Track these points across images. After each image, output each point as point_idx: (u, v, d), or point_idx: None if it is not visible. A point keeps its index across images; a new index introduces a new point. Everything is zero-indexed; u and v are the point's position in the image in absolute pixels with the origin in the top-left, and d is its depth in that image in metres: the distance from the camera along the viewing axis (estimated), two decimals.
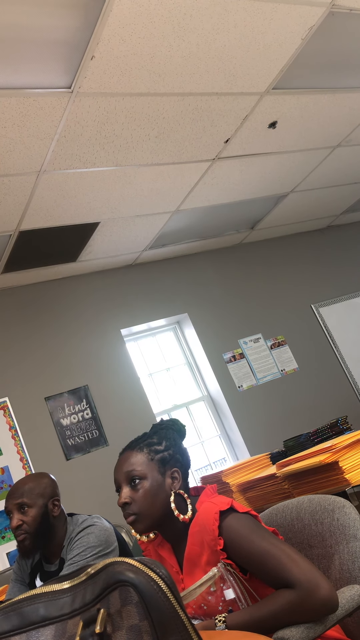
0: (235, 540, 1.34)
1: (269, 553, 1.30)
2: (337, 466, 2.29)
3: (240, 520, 1.37)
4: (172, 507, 1.45)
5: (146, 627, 0.61)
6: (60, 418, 4.18)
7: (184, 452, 1.58)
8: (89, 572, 0.68)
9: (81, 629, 0.63)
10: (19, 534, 2.09)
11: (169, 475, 1.50)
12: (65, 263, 4.40)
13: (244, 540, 1.33)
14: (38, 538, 2.09)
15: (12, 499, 2.14)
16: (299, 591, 1.23)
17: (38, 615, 0.67)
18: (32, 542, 2.09)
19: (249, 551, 1.32)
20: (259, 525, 1.38)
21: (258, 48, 2.78)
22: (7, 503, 2.15)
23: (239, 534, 1.34)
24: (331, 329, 5.53)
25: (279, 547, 1.31)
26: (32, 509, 2.11)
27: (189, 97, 2.96)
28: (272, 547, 1.31)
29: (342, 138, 4.12)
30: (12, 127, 2.65)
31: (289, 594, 1.24)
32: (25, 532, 2.08)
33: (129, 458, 1.51)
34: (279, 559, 1.28)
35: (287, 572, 1.26)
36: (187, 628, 0.63)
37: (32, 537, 2.08)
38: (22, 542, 2.08)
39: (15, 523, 2.09)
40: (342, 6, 2.70)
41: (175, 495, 1.47)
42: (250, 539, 1.33)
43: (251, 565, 1.33)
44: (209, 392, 4.97)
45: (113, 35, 2.35)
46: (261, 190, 4.50)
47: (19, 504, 2.12)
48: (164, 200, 4.00)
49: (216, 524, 1.36)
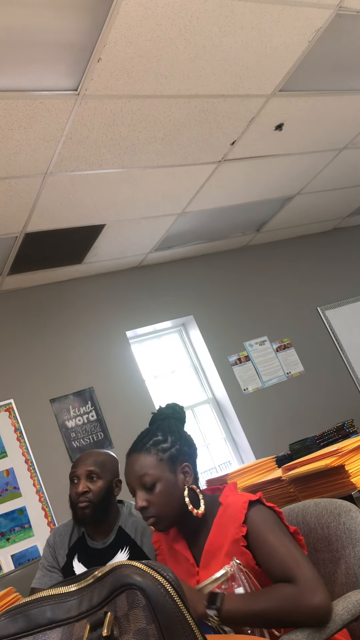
0: (254, 530, 1.37)
1: (278, 550, 1.32)
2: (343, 470, 2.28)
3: (264, 513, 1.41)
4: (187, 502, 1.47)
5: (153, 630, 0.61)
6: (65, 420, 4.18)
7: (190, 443, 1.60)
8: (96, 575, 0.67)
9: (88, 632, 0.63)
10: (82, 500, 2.09)
11: (180, 471, 1.52)
12: (71, 265, 4.40)
13: (261, 532, 1.36)
14: (97, 511, 2.10)
15: (84, 465, 2.15)
16: (296, 589, 1.24)
17: (45, 617, 0.67)
18: (92, 512, 2.09)
19: (263, 543, 1.35)
20: (279, 523, 1.40)
21: (265, 50, 2.78)
22: (76, 468, 2.16)
23: (258, 525, 1.37)
24: (337, 332, 5.51)
25: (290, 547, 1.33)
26: (101, 480, 2.13)
27: (196, 99, 2.96)
28: (283, 546, 1.33)
29: (348, 140, 4.11)
30: (19, 129, 2.66)
31: (287, 588, 1.26)
32: (89, 501, 2.09)
33: (138, 461, 1.52)
34: (286, 558, 1.31)
35: (290, 571, 1.28)
36: (194, 631, 0.63)
37: (94, 507, 2.09)
38: (83, 509, 2.08)
39: (81, 488, 2.10)
40: (350, 8, 2.69)
41: (188, 490, 1.50)
42: (266, 533, 1.36)
43: (260, 557, 1.36)
44: (214, 395, 4.96)
45: (120, 38, 2.35)
46: (267, 193, 4.49)
47: (89, 472, 2.13)
48: (170, 202, 4.00)
49: (244, 512, 1.39)
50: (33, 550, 3.74)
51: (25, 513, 3.82)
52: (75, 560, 2.15)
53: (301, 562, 1.29)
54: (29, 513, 3.82)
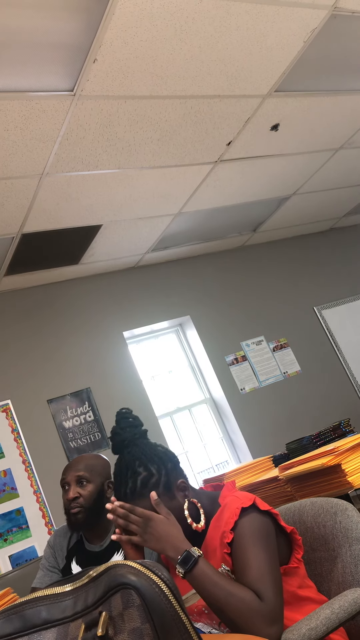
0: (238, 539, 1.33)
1: (252, 566, 1.27)
2: (340, 469, 2.28)
3: (255, 522, 1.35)
4: (186, 515, 1.42)
5: (148, 630, 0.61)
6: (62, 420, 4.18)
7: (168, 455, 1.50)
8: (90, 574, 0.68)
9: (83, 632, 0.63)
10: (74, 506, 2.10)
11: (177, 491, 1.46)
12: (68, 266, 4.40)
13: (242, 544, 1.32)
14: (90, 515, 2.10)
15: (73, 471, 2.16)
16: (261, 606, 1.20)
17: (40, 618, 0.67)
18: (85, 517, 2.10)
19: (241, 554, 1.31)
20: (266, 537, 1.34)
21: (260, 51, 2.78)
22: (66, 475, 2.17)
23: (243, 536, 1.33)
24: (334, 331, 5.52)
25: (264, 568, 1.27)
26: (91, 484, 2.14)
27: (191, 99, 2.96)
28: (259, 564, 1.28)
29: (344, 140, 4.12)
30: (15, 130, 2.66)
31: (255, 600, 1.21)
32: (80, 506, 2.10)
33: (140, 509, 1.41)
34: (257, 577, 1.25)
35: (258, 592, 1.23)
36: (189, 631, 0.63)
37: (86, 512, 2.10)
38: (75, 514, 2.10)
39: (72, 495, 2.11)
40: (344, 9, 2.70)
41: (188, 504, 1.45)
42: (248, 546, 1.31)
43: (235, 567, 1.32)
44: (211, 395, 4.96)
45: (115, 39, 2.36)
46: (263, 193, 4.50)
47: (78, 477, 2.14)
48: (167, 202, 4.01)
49: (234, 519, 1.35)
50: (30, 550, 3.74)
51: (22, 514, 3.81)
52: (73, 563, 2.16)
53: (271, 586, 1.24)
54: (26, 514, 3.82)
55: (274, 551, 1.34)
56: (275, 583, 1.26)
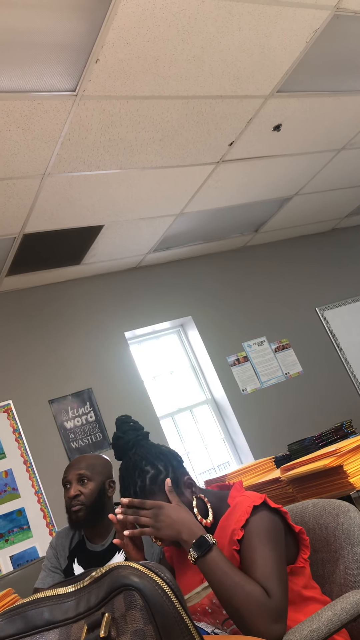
0: (248, 537, 1.34)
1: (259, 565, 1.28)
2: (342, 470, 2.28)
3: (265, 521, 1.36)
4: (195, 512, 1.44)
5: (150, 631, 0.61)
6: (64, 421, 4.18)
7: (173, 454, 1.53)
8: (93, 576, 0.67)
9: (85, 633, 0.63)
10: (75, 504, 2.12)
11: (185, 487, 1.49)
12: (69, 266, 4.40)
13: (252, 542, 1.33)
14: (91, 513, 2.12)
15: (74, 470, 2.18)
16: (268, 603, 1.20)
17: (42, 619, 0.67)
18: (86, 515, 2.11)
19: (250, 552, 1.32)
20: (275, 536, 1.35)
21: (262, 51, 2.78)
22: (67, 474, 2.19)
23: (253, 534, 1.34)
24: (335, 332, 5.52)
25: (272, 567, 1.28)
26: (92, 482, 2.16)
27: (193, 100, 2.96)
28: (267, 563, 1.28)
29: (346, 141, 4.11)
30: (17, 130, 2.66)
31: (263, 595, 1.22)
32: (81, 504, 2.11)
33: None
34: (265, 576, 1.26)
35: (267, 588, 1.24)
36: (192, 632, 0.63)
37: (87, 510, 2.11)
38: (76, 512, 2.11)
39: (73, 492, 2.13)
40: (347, 9, 2.70)
41: (197, 500, 1.47)
42: (257, 544, 1.32)
43: (243, 565, 1.32)
44: (212, 396, 4.96)
45: (118, 39, 2.36)
46: (265, 193, 4.50)
47: (80, 475, 2.16)
48: (168, 203, 4.01)
49: (246, 517, 1.35)
50: (32, 551, 3.74)
51: (24, 514, 3.81)
52: (75, 563, 2.16)
53: (278, 584, 1.25)
54: (27, 514, 3.82)
55: (282, 550, 1.34)
56: (282, 582, 1.27)
